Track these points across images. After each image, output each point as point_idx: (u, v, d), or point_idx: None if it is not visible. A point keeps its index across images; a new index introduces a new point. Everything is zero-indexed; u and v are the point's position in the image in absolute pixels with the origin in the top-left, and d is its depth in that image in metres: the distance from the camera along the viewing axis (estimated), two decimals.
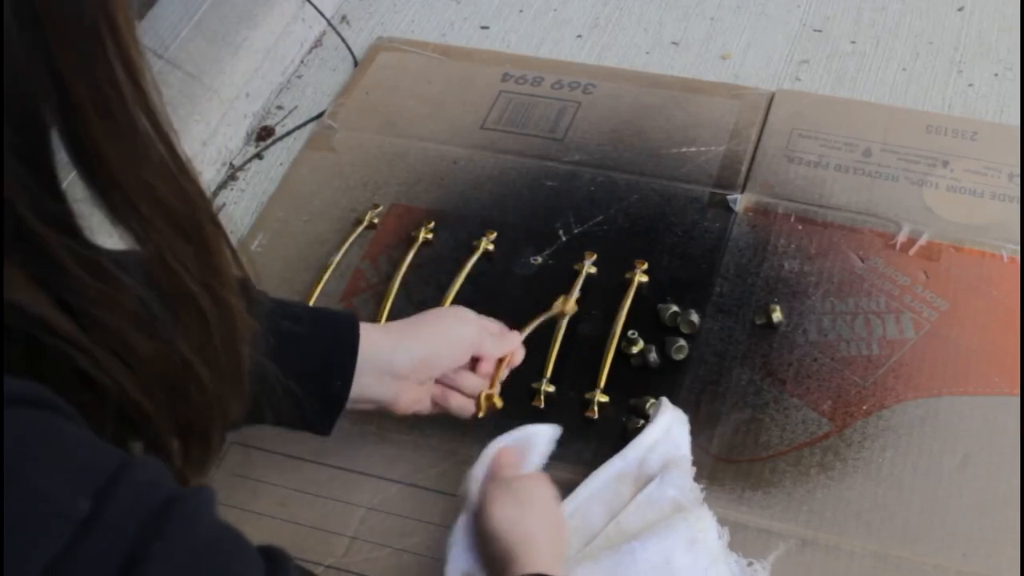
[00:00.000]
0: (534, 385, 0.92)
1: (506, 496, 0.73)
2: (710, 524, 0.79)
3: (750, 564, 0.80)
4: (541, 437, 0.82)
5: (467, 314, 0.84)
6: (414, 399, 0.81)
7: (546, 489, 0.76)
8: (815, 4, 1.30)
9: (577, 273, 0.99)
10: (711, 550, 0.78)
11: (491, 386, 0.84)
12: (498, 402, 0.84)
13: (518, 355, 0.86)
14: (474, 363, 0.84)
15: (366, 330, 0.77)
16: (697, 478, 0.85)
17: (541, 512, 0.73)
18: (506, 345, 0.85)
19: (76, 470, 0.40)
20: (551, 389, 0.92)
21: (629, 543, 0.77)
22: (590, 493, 0.83)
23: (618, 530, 0.80)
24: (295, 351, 0.71)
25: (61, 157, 0.44)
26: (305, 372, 0.71)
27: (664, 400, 0.87)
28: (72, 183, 0.45)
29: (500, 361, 0.85)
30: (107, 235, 0.46)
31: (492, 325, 0.85)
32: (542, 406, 0.91)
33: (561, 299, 0.96)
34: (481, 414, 0.84)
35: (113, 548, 0.40)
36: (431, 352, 0.80)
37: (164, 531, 0.41)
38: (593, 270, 1.00)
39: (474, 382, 0.83)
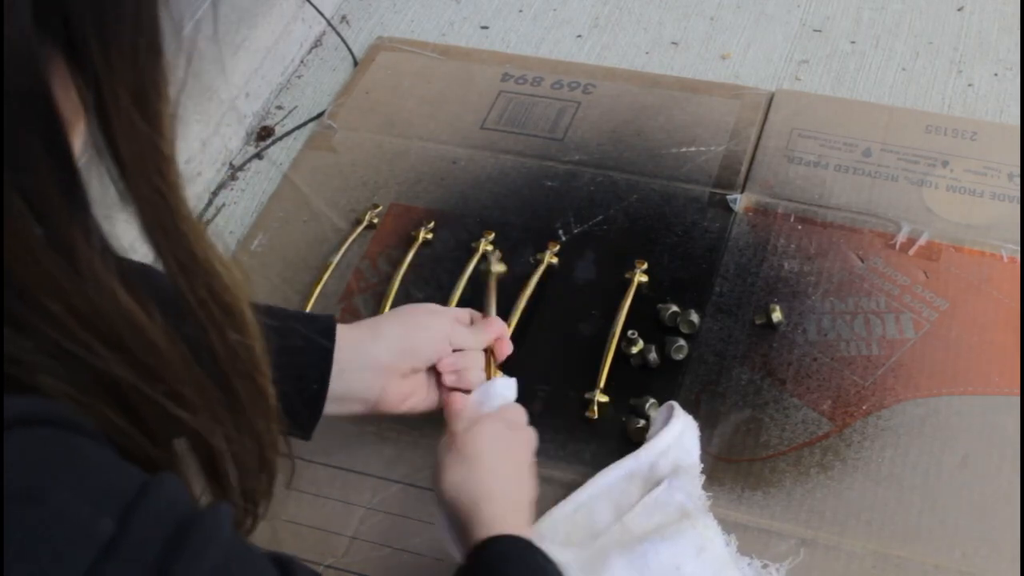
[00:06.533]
0: (534, 386, 0.92)
1: (451, 458, 0.71)
2: (715, 533, 0.79)
3: (765, 566, 0.80)
4: (498, 386, 0.79)
5: (435, 307, 0.83)
6: (402, 393, 0.79)
7: (494, 436, 0.73)
8: (815, 4, 1.30)
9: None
10: (719, 558, 0.78)
11: (487, 378, 0.82)
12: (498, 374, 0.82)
13: (503, 346, 0.84)
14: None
15: (342, 329, 0.77)
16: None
17: (489, 465, 0.71)
18: (483, 335, 0.83)
19: (99, 490, 0.41)
20: (550, 389, 0.92)
21: (641, 544, 0.77)
22: (599, 490, 0.82)
23: (624, 530, 0.80)
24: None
25: None
26: (280, 376, 0.71)
27: (676, 405, 0.86)
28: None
29: (488, 355, 0.83)
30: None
31: (463, 315, 0.83)
32: (541, 407, 0.91)
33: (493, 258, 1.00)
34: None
35: (135, 572, 0.40)
36: (408, 341, 0.78)
37: (183, 555, 0.41)
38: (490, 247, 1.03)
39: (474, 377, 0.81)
